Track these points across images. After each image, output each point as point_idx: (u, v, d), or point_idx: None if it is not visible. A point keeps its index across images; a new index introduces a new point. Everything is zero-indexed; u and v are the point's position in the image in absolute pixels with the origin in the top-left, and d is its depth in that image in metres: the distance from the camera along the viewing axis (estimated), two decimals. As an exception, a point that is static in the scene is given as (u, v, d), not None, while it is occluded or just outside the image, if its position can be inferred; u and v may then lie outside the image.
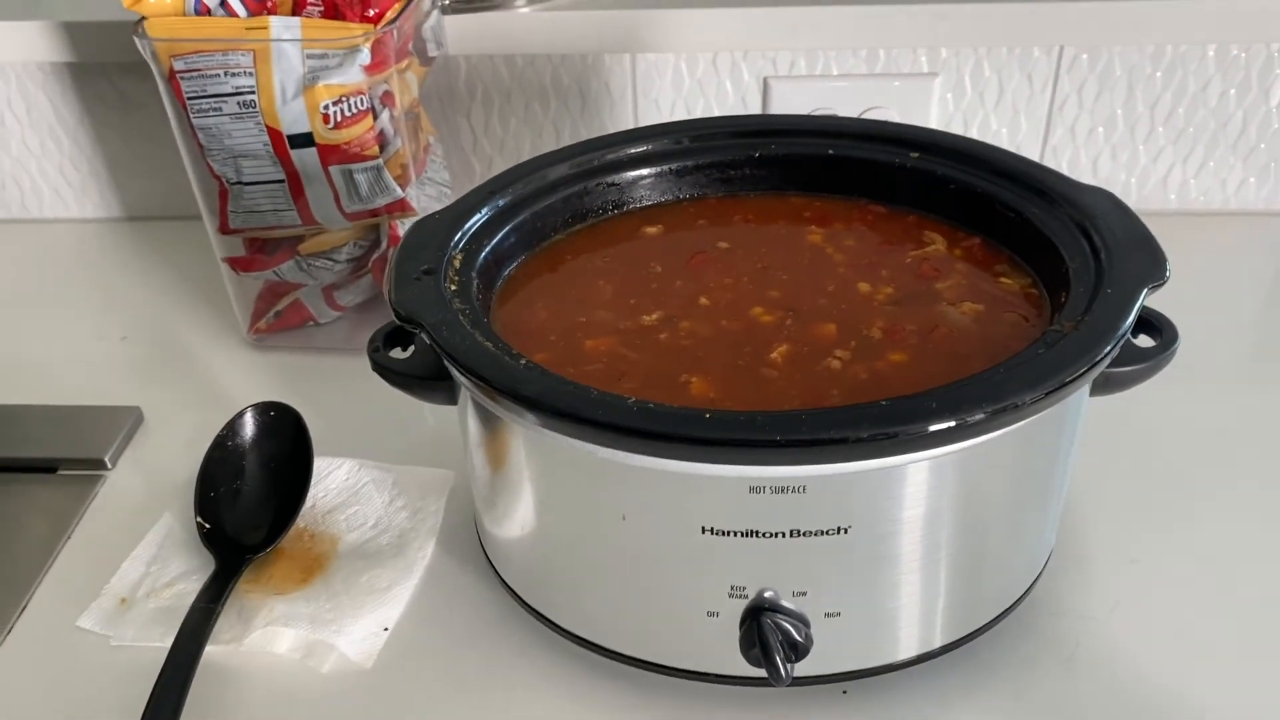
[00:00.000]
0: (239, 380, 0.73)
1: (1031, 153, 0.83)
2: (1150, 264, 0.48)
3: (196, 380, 0.74)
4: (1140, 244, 0.49)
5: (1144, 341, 0.50)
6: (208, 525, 0.59)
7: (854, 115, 0.79)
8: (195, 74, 0.64)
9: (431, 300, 0.48)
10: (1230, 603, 0.54)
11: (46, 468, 0.66)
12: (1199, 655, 0.52)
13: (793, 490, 0.42)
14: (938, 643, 0.50)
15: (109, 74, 0.86)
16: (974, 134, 0.83)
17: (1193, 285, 0.47)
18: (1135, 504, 0.59)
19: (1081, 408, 0.49)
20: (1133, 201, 0.72)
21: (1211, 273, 0.78)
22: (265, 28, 0.64)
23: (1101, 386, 0.49)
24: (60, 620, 0.56)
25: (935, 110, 0.82)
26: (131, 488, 0.65)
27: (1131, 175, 0.84)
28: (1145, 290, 0.47)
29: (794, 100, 0.82)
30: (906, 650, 0.50)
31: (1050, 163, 0.81)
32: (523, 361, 0.45)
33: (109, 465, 0.66)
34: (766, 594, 0.46)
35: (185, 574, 0.58)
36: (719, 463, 0.42)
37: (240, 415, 0.62)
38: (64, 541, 0.61)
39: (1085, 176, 0.83)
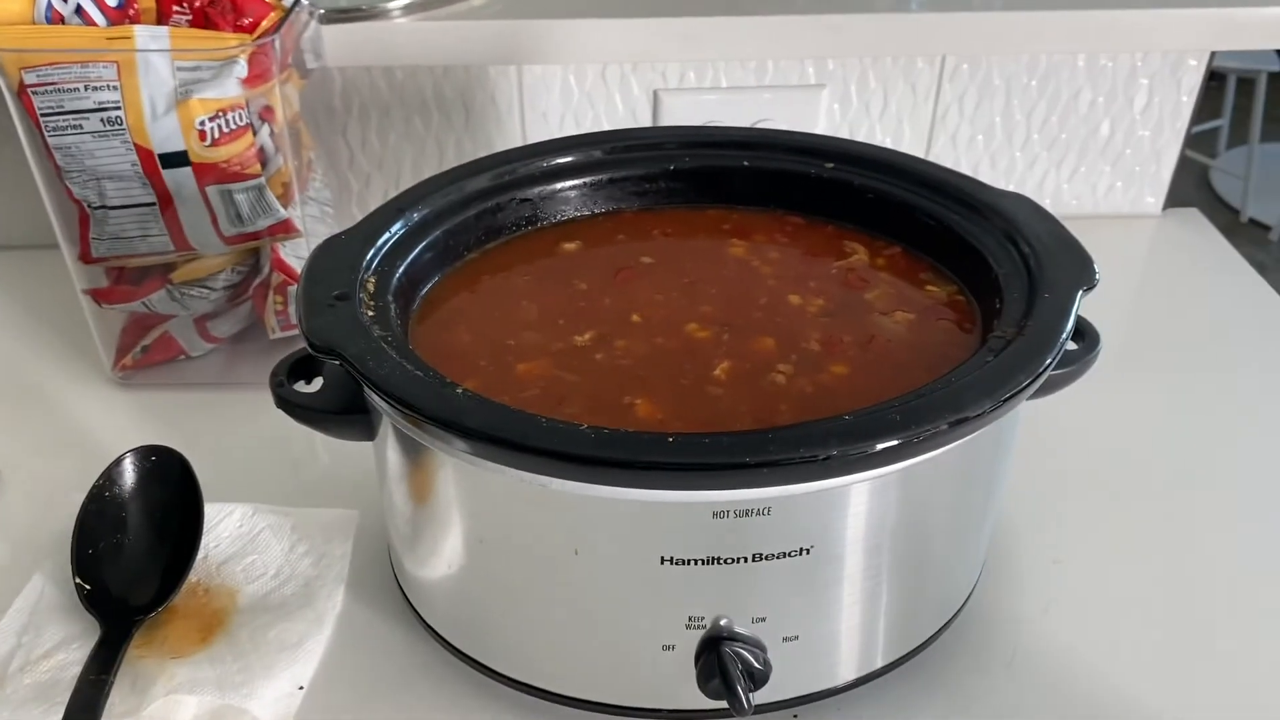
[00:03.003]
0: (106, 423, 0.67)
1: (915, 162, 0.85)
2: (1079, 266, 0.49)
3: (57, 425, 0.67)
4: (1066, 248, 0.50)
5: (1069, 346, 0.50)
6: (88, 586, 0.53)
7: (745, 127, 0.78)
8: (50, 88, 0.58)
9: (350, 328, 0.45)
10: (1151, 596, 0.55)
11: (-116, 532, 0.59)
12: (1129, 649, 0.52)
13: (757, 513, 0.41)
14: (886, 660, 0.49)
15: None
16: (860, 144, 0.84)
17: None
18: (1053, 507, 0.60)
19: (1020, 414, 0.49)
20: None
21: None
22: (129, 37, 0.59)
23: (1037, 391, 0.49)
24: (-82, 706, 0.49)
25: (823, 121, 0.82)
26: (-10, 549, 0.58)
27: (1010, 181, 0.86)
28: (1080, 292, 0.47)
29: (684, 113, 0.81)
30: (854, 670, 0.49)
31: (935, 171, 0.82)
32: (459, 390, 0.42)
33: (-39, 525, 0.59)
34: (723, 622, 0.44)
35: (64, 642, 0.52)
36: (684, 489, 0.40)
37: (119, 462, 0.56)
38: (-87, 615, 0.54)
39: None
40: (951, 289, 0.53)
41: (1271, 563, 0.57)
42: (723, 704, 0.44)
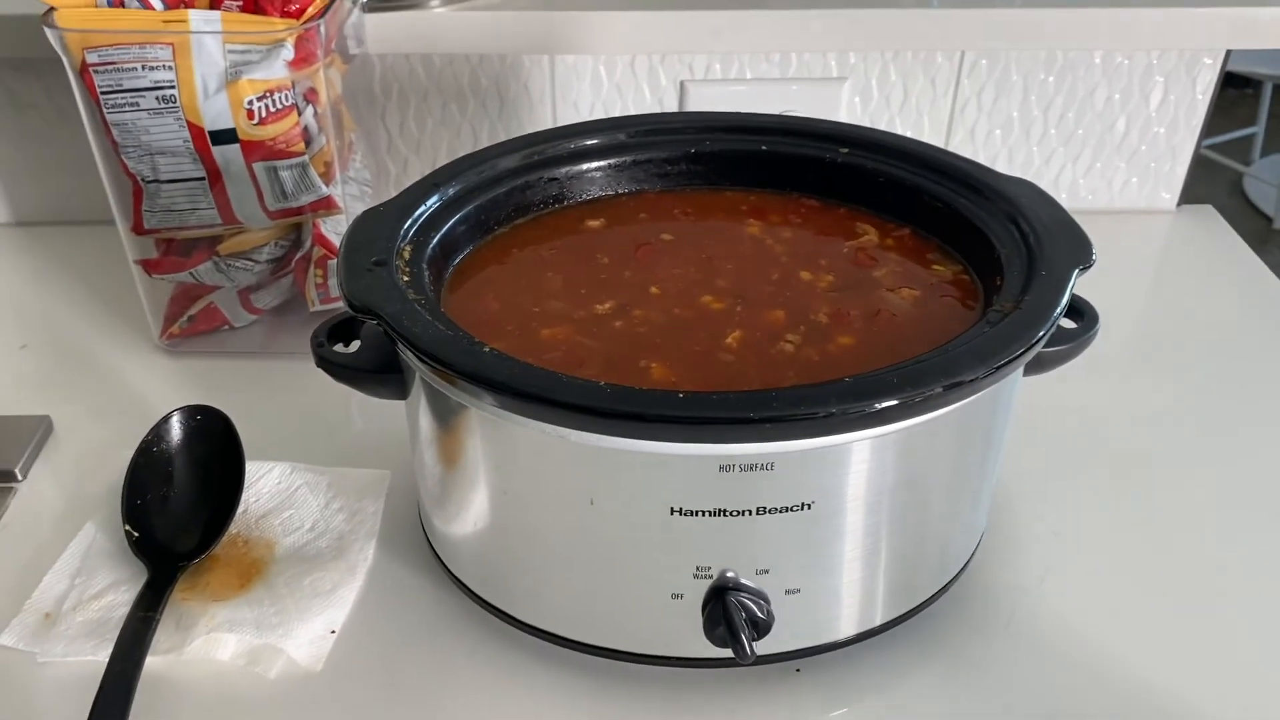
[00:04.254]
0: (153, 386, 0.71)
1: (934, 154, 0.87)
2: (1077, 247, 0.51)
3: (107, 387, 0.71)
4: (1066, 229, 0.52)
5: (1067, 324, 0.53)
6: (137, 533, 0.57)
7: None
8: (110, 67, 0.62)
9: (387, 291, 0.48)
10: (1148, 569, 0.57)
11: (-51, 482, 0.63)
12: (1122, 617, 0.54)
13: (761, 468, 0.43)
14: (885, 618, 0.52)
15: (-3, 71, 0.82)
16: (880, 136, 0.86)
17: (1085, 277, 0.51)
18: (1052, 481, 0.63)
19: (1015, 386, 0.51)
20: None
21: (1100, 266, 0.82)
22: (184, 20, 0.62)
23: (1032, 366, 0.51)
24: (-22, 639, 0.53)
25: (844, 113, 0.85)
26: (46, 499, 0.62)
27: (1026, 175, 0.88)
28: (1076, 271, 0.49)
29: (709, 104, 0.83)
30: (855, 626, 0.51)
31: (953, 164, 0.84)
32: (487, 349, 0.45)
33: (19, 476, 0.63)
34: (728, 573, 0.47)
35: (114, 585, 0.56)
36: (693, 441, 0.42)
37: (167, 419, 0.60)
38: (-25, 557, 0.58)
39: (984, 177, 0.87)
40: (957, 268, 0.56)
41: (1266, 542, 0.59)
42: (728, 652, 0.47)
